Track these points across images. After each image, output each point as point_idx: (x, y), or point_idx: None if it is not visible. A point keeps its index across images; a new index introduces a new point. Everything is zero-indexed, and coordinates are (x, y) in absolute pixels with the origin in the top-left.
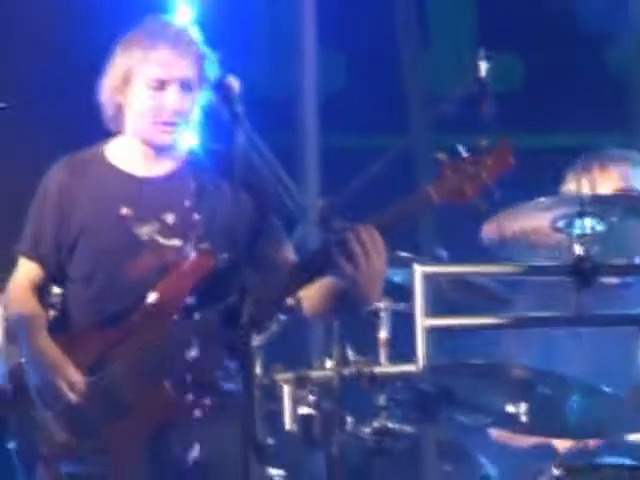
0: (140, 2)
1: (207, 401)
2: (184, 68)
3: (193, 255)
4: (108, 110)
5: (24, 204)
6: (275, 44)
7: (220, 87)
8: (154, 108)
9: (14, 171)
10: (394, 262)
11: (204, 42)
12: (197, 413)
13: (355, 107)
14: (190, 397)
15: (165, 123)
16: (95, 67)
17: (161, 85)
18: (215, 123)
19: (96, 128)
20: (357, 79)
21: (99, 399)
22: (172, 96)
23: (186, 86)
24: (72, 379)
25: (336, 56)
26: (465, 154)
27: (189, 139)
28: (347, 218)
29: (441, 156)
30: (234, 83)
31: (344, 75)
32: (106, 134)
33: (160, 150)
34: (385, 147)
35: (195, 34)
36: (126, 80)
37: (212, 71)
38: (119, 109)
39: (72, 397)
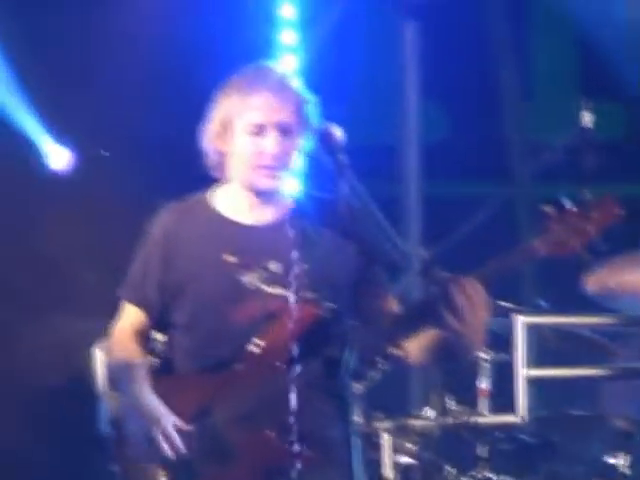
0: (245, 50)
1: (309, 449)
2: (283, 113)
3: (298, 304)
4: (211, 158)
5: (126, 250)
6: (377, 93)
7: (323, 136)
8: (254, 153)
9: (118, 218)
10: (495, 312)
11: (306, 89)
12: (300, 461)
13: (457, 155)
14: (293, 445)
15: (265, 167)
16: (198, 115)
17: (260, 130)
18: (318, 171)
19: (199, 175)
20: (459, 127)
21: (202, 447)
22: (271, 141)
23: (285, 131)
24: (168, 431)
25: (438, 105)
26: (570, 206)
27: (293, 187)
28: (450, 267)
29: (547, 209)
30: (337, 132)
31: (446, 124)
32: (210, 181)
33: (264, 197)
34: (487, 196)
35: (296, 80)
36: (226, 126)
37: (314, 117)
38: (221, 156)
39: (167, 450)
